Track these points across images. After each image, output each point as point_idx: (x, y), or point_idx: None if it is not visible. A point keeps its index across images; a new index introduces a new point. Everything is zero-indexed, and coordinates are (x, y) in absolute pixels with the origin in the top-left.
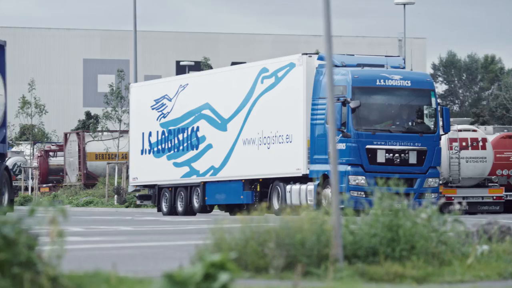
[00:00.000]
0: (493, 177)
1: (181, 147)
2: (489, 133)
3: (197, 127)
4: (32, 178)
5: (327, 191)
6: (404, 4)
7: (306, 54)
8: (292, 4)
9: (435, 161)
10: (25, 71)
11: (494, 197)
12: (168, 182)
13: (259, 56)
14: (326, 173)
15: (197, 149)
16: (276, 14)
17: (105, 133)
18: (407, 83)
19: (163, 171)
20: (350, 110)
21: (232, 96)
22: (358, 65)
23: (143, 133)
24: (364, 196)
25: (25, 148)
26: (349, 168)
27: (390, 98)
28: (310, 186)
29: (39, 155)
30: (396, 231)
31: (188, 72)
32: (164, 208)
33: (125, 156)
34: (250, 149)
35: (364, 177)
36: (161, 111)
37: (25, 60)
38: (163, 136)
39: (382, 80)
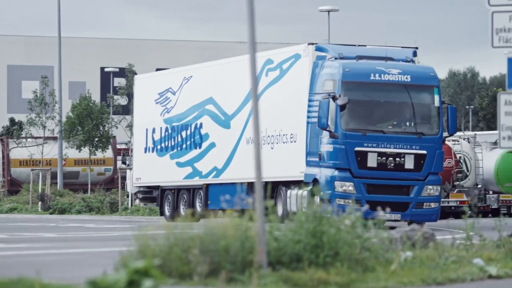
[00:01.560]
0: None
1: (184, 146)
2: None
3: (201, 124)
4: None
5: (316, 199)
6: (329, 11)
7: (313, 44)
8: (217, 11)
9: (436, 167)
10: None
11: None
12: (170, 184)
13: (183, 63)
14: (316, 177)
15: (200, 148)
16: (201, 21)
17: (29, 139)
18: (406, 78)
19: (166, 172)
20: (339, 108)
21: (236, 90)
22: (358, 57)
23: (146, 130)
24: (351, 204)
25: None
26: (336, 172)
27: (386, 95)
28: (305, 192)
29: None
30: (320, 238)
31: (113, 79)
32: (167, 211)
33: (49, 162)
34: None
35: (352, 184)
36: (164, 105)
37: None
38: (167, 133)
39: (377, 75)
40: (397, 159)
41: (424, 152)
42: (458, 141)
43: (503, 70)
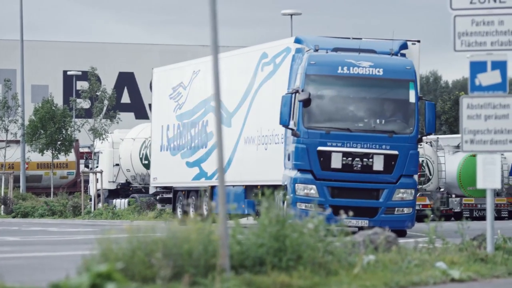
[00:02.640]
0: None
1: (192, 144)
2: None
3: (207, 121)
4: None
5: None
6: (291, 15)
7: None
8: (179, 15)
9: (409, 168)
10: None
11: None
12: (181, 185)
13: (147, 66)
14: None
15: (206, 147)
16: (164, 24)
17: None
18: (378, 71)
19: (178, 172)
20: (301, 104)
21: (236, 85)
22: (335, 50)
23: (162, 127)
24: (313, 209)
25: None
26: (297, 174)
27: (354, 90)
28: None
29: None
30: (283, 241)
31: (75, 82)
32: (179, 214)
33: (12, 166)
34: (250, 149)
35: (314, 186)
36: (177, 101)
37: None
38: (178, 131)
39: (345, 68)
40: (365, 160)
41: (395, 152)
42: (421, 145)
43: (466, 74)
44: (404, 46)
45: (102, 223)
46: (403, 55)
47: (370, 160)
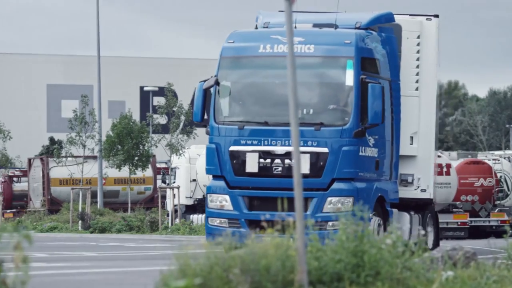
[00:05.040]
0: (457, 203)
1: None
2: (453, 159)
3: None
4: None
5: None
6: None
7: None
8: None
9: (342, 170)
10: None
11: (459, 223)
12: None
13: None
14: None
15: None
16: None
17: (69, 158)
18: (309, 48)
19: None
20: (214, 95)
21: None
22: (315, 26)
23: None
24: (227, 226)
25: None
26: (210, 182)
27: (277, 73)
28: None
29: (2, 180)
30: (361, 257)
31: (152, 98)
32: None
33: (89, 181)
34: None
35: (227, 197)
36: None
37: None
38: None
39: (268, 46)
40: (287, 161)
41: (325, 150)
42: (499, 160)
43: None
44: (383, 18)
45: (179, 238)
46: (389, 31)
47: (293, 160)
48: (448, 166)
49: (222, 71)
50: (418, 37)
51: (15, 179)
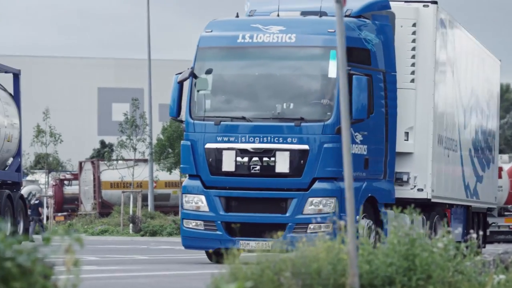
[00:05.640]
0: (509, 206)
1: None
2: (505, 162)
3: None
4: (47, 207)
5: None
6: None
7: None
8: None
9: (324, 169)
10: (39, 99)
11: (510, 226)
12: None
13: None
14: None
15: None
16: None
17: (120, 162)
18: (290, 38)
19: None
20: (190, 88)
21: None
22: (303, 14)
23: None
24: (203, 228)
25: (40, 177)
26: (185, 181)
27: (256, 65)
28: None
29: (54, 184)
30: (412, 260)
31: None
32: None
33: (140, 184)
34: None
35: (203, 197)
36: None
37: (40, 88)
38: None
39: (247, 36)
40: (266, 159)
41: (305, 147)
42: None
43: None
44: (377, 5)
45: None
46: (384, 18)
47: (272, 158)
48: (500, 169)
49: (199, 63)
50: (414, 25)
51: (66, 182)
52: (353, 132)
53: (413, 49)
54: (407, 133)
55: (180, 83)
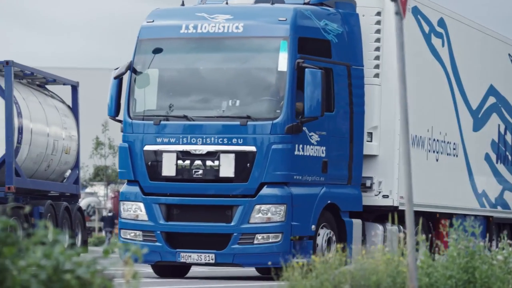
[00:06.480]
0: None
1: None
2: None
3: None
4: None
5: None
6: None
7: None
8: None
9: (273, 173)
10: (98, 112)
11: None
12: None
13: None
14: None
15: None
16: None
17: None
18: (237, 27)
19: None
20: (128, 84)
21: None
22: (257, 2)
23: None
24: (142, 240)
25: (99, 189)
26: (123, 188)
27: (199, 58)
28: None
29: (113, 196)
30: (472, 273)
31: None
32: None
33: None
34: None
35: (142, 205)
36: None
37: (98, 101)
38: None
39: (191, 26)
40: (209, 162)
41: (252, 148)
42: None
43: None
44: None
45: None
46: (350, 7)
47: (216, 162)
48: None
49: (138, 56)
50: (379, 14)
51: None
52: (307, 132)
53: (378, 40)
54: (370, 134)
55: (119, 79)
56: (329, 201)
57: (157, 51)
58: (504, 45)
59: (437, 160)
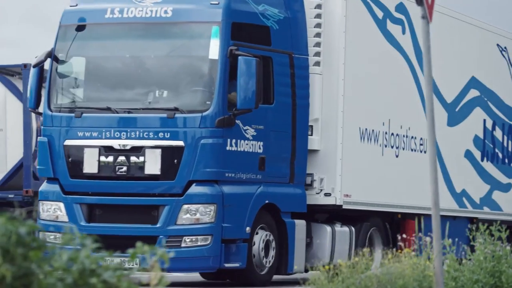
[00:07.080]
0: None
1: None
2: None
3: None
4: None
5: None
6: None
7: None
8: None
9: (202, 169)
10: None
11: None
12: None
13: None
14: None
15: None
16: None
17: None
18: (166, 12)
19: None
20: (48, 74)
21: None
22: None
23: None
24: (62, 242)
25: None
26: (43, 186)
27: (124, 45)
28: None
29: None
30: (499, 277)
31: None
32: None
33: None
34: None
35: (62, 204)
36: None
37: None
38: None
39: (116, 11)
40: (133, 158)
41: (180, 143)
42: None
43: None
44: None
45: None
46: None
47: (141, 158)
48: None
49: (60, 43)
50: None
51: None
52: (241, 126)
53: (318, 25)
54: (311, 127)
55: (39, 68)
56: (267, 201)
57: (80, 37)
58: (492, 35)
59: (397, 156)
